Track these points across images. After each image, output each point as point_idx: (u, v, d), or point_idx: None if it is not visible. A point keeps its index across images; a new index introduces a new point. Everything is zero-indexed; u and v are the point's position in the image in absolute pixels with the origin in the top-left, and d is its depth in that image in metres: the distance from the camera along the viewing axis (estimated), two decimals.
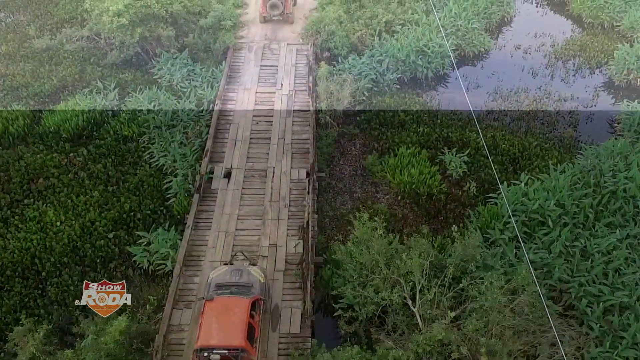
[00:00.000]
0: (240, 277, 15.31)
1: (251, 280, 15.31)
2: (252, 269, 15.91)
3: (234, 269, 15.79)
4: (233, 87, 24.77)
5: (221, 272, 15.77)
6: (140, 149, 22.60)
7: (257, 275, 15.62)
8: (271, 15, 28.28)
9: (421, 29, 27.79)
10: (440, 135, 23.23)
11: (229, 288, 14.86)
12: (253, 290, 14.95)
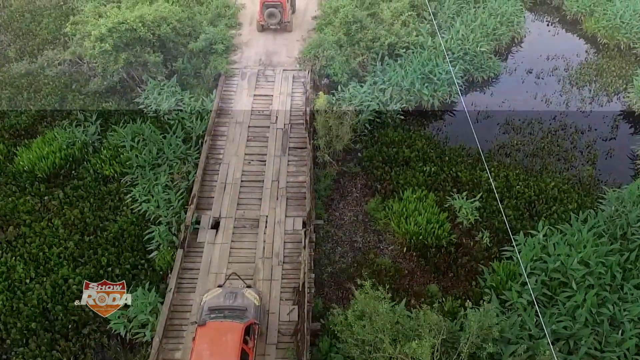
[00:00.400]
0: (234, 300, 14.51)
1: (246, 304, 14.52)
2: (246, 291, 15.08)
3: (228, 291, 14.93)
4: (224, 121, 22.62)
5: (214, 295, 14.87)
6: (122, 191, 20.49)
7: (252, 298, 14.82)
8: (269, 24, 27.02)
9: (426, 53, 25.63)
10: (449, 175, 21.11)
11: (223, 312, 14.14)
12: (247, 314, 14.22)
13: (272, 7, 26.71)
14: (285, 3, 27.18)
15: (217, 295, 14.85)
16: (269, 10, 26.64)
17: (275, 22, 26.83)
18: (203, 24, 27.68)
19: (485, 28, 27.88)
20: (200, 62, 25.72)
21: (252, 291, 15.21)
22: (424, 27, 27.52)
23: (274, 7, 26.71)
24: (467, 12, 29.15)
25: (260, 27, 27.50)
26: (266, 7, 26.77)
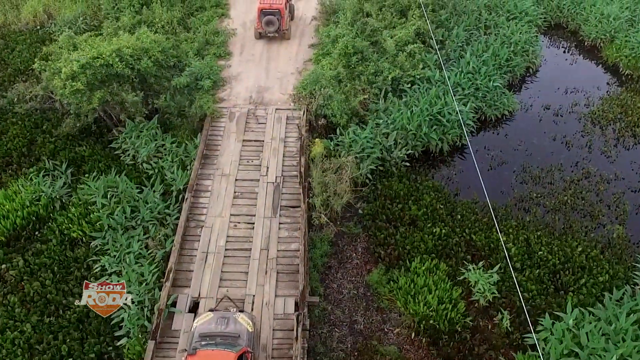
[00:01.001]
0: (226, 326, 13.54)
1: (238, 330, 13.54)
2: (239, 316, 14.01)
3: (220, 316, 13.92)
4: (208, 172, 19.83)
5: (206, 320, 13.87)
6: (91, 257, 17.75)
7: (244, 323, 13.82)
8: (267, 32, 25.57)
9: (434, 89, 22.79)
10: (462, 238, 18.36)
11: (214, 339, 13.22)
12: (240, 342, 13.28)
13: (270, 14, 25.16)
14: (284, 11, 25.41)
15: (208, 320, 13.80)
16: (267, 18, 25.21)
17: (273, 30, 25.39)
18: (189, 55, 24.88)
19: (498, 59, 25.05)
20: (184, 99, 22.89)
21: (245, 316, 14.04)
22: (430, 59, 24.69)
23: (272, 14, 25.15)
24: (478, 40, 26.32)
25: (258, 34, 26.04)
26: (264, 14, 25.25)
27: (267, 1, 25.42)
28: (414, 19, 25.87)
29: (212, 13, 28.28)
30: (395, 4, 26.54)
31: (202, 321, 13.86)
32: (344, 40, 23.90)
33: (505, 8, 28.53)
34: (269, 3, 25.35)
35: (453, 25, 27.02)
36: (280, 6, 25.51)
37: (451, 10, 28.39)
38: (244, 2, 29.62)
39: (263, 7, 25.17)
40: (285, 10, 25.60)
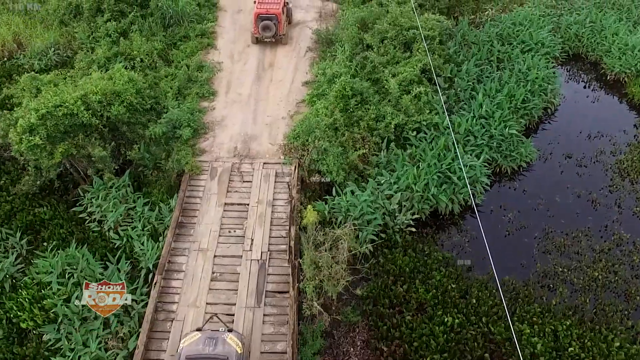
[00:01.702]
0: (214, 348, 12.69)
1: (227, 351, 12.69)
2: (228, 336, 13.08)
3: (208, 336, 13.02)
4: (183, 247, 16.85)
5: (193, 341, 12.94)
6: (42, 353, 14.82)
7: (233, 344, 12.88)
8: (263, 37, 24.60)
9: (443, 140, 19.77)
10: (478, 330, 15.42)
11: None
12: None
13: (267, 19, 24.04)
14: (281, 15, 24.23)
15: (195, 341, 12.91)
16: (263, 22, 24.16)
17: (270, 35, 24.51)
18: (169, 95, 21.85)
19: (514, 100, 22.01)
20: (161, 149, 19.91)
21: (234, 336, 13.13)
22: (438, 101, 21.65)
23: (268, 19, 24.07)
24: (490, 76, 23.27)
25: (254, 39, 24.98)
26: (261, 19, 24.14)
27: (263, 6, 24.22)
28: (419, 53, 22.80)
29: (196, 43, 25.21)
30: (399, 35, 23.46)
31: (189, 342, 12.87)
32: (342, 80, 20.88)
33: (519, 38, 25.46)
34: (266, 8, 24.14)
35: (462, 59, 23.98)
36: (277, 11, 24.08)
37: (460, 40, 25.37)
38: (232, 30, 26.56)
39: (260, 12, 24.07)
40: (282, 15, 24.36)
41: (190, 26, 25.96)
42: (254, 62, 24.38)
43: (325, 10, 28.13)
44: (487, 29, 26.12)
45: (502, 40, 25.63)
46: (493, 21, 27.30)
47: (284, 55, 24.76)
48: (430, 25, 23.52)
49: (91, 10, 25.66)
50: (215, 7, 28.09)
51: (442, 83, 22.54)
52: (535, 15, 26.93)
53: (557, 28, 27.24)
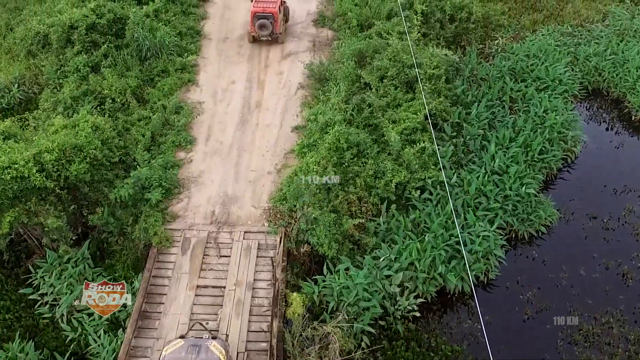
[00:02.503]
0: (197, 355, 12.20)
1: (209, 359, 12.11)
2: (211, 343, 12.55)
3: (191, 344, 12.51)
4: (145, 345, 14.02)
5: (175, 349, 12.44)
6: None
7: (217, 352, 12.38)
8: (260, 36, 23.82)
9: (450, 206, 16.87)
10: None
11: None
12: None
13: (263, 18, 23.31)
14: (277, 14, 23.35)
15: (178, 348, 12.49)
16: (260, 21, 23.41)
17: (266, 34, 23.72)
18: (140, 144, 19.00)
19: (531, 152, 19.12)
20: (128, 213, 17.09)
21: (218, 343, 12.66)
22: (445, 152, 18.77)
23: (265, 18, 23.32)
24: (503, 121, 20.38)
25: (251, 38, 24.25)
26: (257, 18, 23.39)
27: (260, 5, 23.43)
28: (423, 96, 19.87)
29: (175, 79, 22.30)
30: (400, 74, 20.55)
31: (172, 349, 12.44)
32: (336, 131, 18.02)
33: (534, 74, 22.54)
34: (262, 7, 23.34)
35: (472, 99, 21.07)
36: (273, 10, 23.24)
37: (468, 75, 22.45)
38: (216, 62, 23.64)
39: (256, 10, 23.33)
40: (279, 14, 23.48)
41: (170, 59, 23.04)
42: (238, 101, 21.49)
43: (319, 39, 25.18)
44: (498, 62, 23.20)
45: (514, 76, 22.74)
46: (504, 52, 24.38)
47: (272, 93, 21.86)
48: (435, 63, 20.60)
49: (60, 41, 22.74)
50: (198, 35, 25.17)
51: (449, 130, 19.65)
52: (551, 46, 23.98)
53: (574, 59, 24.28)
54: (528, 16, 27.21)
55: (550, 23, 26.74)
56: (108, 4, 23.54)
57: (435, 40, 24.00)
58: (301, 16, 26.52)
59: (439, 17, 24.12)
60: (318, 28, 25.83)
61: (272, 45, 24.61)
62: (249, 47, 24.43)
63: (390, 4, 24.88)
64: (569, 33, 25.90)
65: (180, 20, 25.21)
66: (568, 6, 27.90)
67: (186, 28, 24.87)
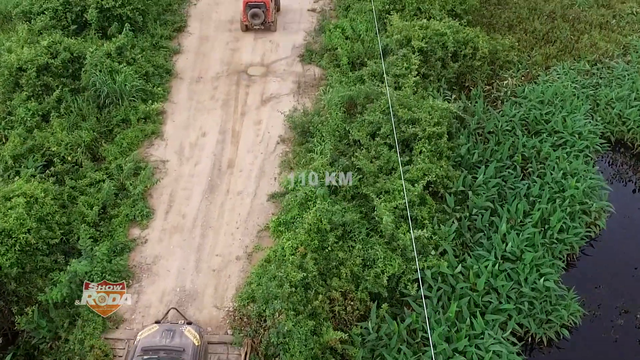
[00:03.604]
0: (171, 340, 11.99)
1: (183, 344, 11.92)
2: (186, 328, 12.27)
3: (166, 329, 12.27)
4: None
5: (150, 333, 12.21)
6: None
7: (191, 337, 12.09)
8: (252, 24, 23.68)
9: (454, 305, 13.60)
10: None
11: (157, 353, 11.76)
12: (184, 356, 11.75)
13: (255, 7, 23.23)
14: (269, 3, 23.33)
15: (153, 333, 12.21)
16: (252, 10, 23.30)
17: (258, 23, 23.55)
18: (88, 219, 15.73)
19: (550, 230, 15.82)
20: (64, 314, 13.85)
21: (192, 328, 12.38)
22: (448, 231, 15.47)
23: (257, 7, 23.25)
24: (516, 189, 17.06)
25: (244, 27, 24.07)
26: (249, 7, 23.29)
27: None
28: (420, 160, 16.57)
29: (137, 131, 19.01)
30: (393, 117, 17.27)
31: (147, 334, 12.25)
32: (317, 209, 14.73)
33: (549, 126, 19.21)
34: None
35: (478, 159, 17.75)
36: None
37: (474, 127, 19.13)
38: (186, 108, 20.36)
39: (248, 0, 23.06)
40: (270, 3, 23.40)
41: (132, 106, 19.74)
42: (208, 160, 18.19)
43: (305, 79, 21.84)
44: (508, 110, 19.86)
45: (527, 128, 19.42)
46: (515, 96, 21.03)
47: (248, 150, 18.55)
48: (435, 119, 17.27)
49: (7, 86, 19.53)
50: (169, 75, 21.82)
51: (452, 202, 16.33)
52: (568, 91, 20.61)
53: (594, 104, 20.95)
54: (540, 49, 23.86)
55: (565, 58, 23.41)
56: (65, 40, 20.28)
57: (436, 82, 20.71)
58: (286, 51, 23.20)
59: (440, 56, 20.75)
60: (304, 65, 22.50)
61: (251, 85, 21.32)
62: (225, 88, 21.16)
63: (385, 39, 21.51)
64: (587, 71, 22.53)
65: (148, 57, 21.89)
66: (584, 38, 24.54)
67: (154, 67, 21.53)
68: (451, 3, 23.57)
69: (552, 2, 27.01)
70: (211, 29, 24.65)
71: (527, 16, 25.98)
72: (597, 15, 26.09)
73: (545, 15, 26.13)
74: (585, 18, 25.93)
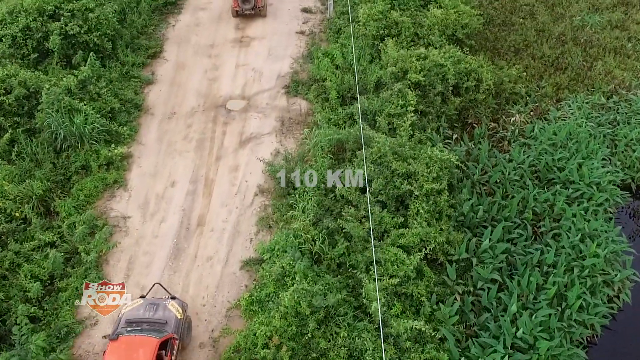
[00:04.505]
0: (154, 313, 12.18)
1: (166, 316, 12.12)
2: (169, 302, 12.47)
3: (149, 302, 12.48)
4: None
5: (134, 307, 12.39)
6: None
7: (174, 310, 12.29)
8: (243, 10, 23.43)
9: None
10: None
11: (140, 325, 11.86)
12: (167, 328, 11.87)
13: None
14: None
15: (137, 306, 12.38)
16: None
17: (249, 8, 23.38)
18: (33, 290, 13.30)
19: (568, 309, 13.34)
20: None
21: (176, 303, 12.55)
22: (449, 312, 13.00)
23: None
24: (527, 254, 14.57)
25: (234, 12, 23.75)
26: None
27: None
28: (417, 223, 14.10)
29: (98, 180, 16.59)
30: (387, 185, 14.81)
31: (131, 308, 12.36)
32: (294, 291, 12.31)
33: (563, 174, 16.69)
34: None
35: (483, 217, 15.25)
36: None
37: (478, 177, 16.64)
38: (155, 151, 17.94)
39: None
40: None
41: (94, 149, 17.28)
42: (175, 216, 15.74)
43: (290, 114, 19.40)
44: (517, 154, 17.35)
45: (538, 176, 16.94)
46: (523, 136, 18.56)
47: (222, 203, 16.10)
48: (434, 173, 14.78)
49: None
50: (138, 110, 19.35)
51: (453, 274, 13.87)
52: (583, 130, 18.12)
53: (612, 145, 18.46)
54: (549, 78, 21.36)
55: (578, 88, 20.91)
56: (21, 73, 17.84)
57: (435, 121, 18.23)
58: (270, 80, 20.73)
59: (440, 90, 18.25)
60: (289, 98, 20.02)
61: (229, 123, 18.86)
62: (200, 126, 18.73)
63: (379, 71, 19.02)
64: (603, 105, 20.02)
65: (116, 90, 19.44)
66: (598, 65, 22.04)
67: (122, 102, 19.07)
68: (452, 27, 21.06)
69: (561, 23, 24.47)
70: (189, 54, 22.16)
71: (534, 39, 23.47)
72: (611, 38, 23.53)
73: (555, 37, 23.61)
74: (598, 41, 23.40)
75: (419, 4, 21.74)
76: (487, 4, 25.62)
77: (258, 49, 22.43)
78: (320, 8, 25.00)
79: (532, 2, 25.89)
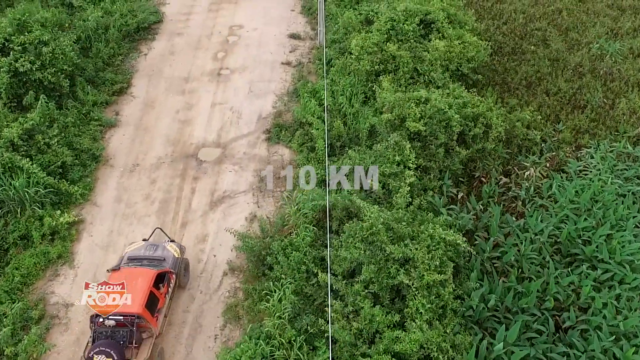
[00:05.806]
0: (154, 252, 12.93)
1: (165, 255, 12.85)
2: (168, 244, 13.15)
3: (150, 244, 13.19)
4: None
5: (136, 247, 13.09)
6: None
7: (172, 250, 12.99)
8: None
9: None
10: None
11: (141, 261, 12.63)
12: (165, 264, 12.56)
13: None
14: None
15: (138, 247, 13.09)
16: None
17: None
18: None
19: None
20: None
21: (174, 245, 13.24)
22: None
23: None
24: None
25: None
26: None
27: None
28: (416, 325, 11.23)
29: (39, 255, 13.73)
30: (380, 273, 11.92)
31: (133, 248, 13.07)
32: None
33: (589, 250, 13.73)
34: None
35: (494, 306, 12.36)
36: None
37: (489, 253, 13.73)
38: (111, 217, 15.03)
39: None
40: None
41: (37, 216, 14.39)
42: None
43: (272, 164, 16.44)
44: (533, 222, 14.39)
45: (559, 249, 14.02)
46: (538, 194, 15.64)
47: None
48: (437, 258, 11.88)
49: None
50: (96, 162, 16.43)
51: None
52: (609, 191, 15.18)
53: None
54: (567, 119, 18.42)
55: (599, 131, 17.97)
56: None
57: (438, 180, 15.34)
58: (249, 123, 17.86)
59: (443, 141, 15.33)
60: (270, 146, 17.11)
61: (200, 178, 15.98)
62: (166, 182, 15.85)
63: (373, 118, 16.12)
64: (629, 154, 17.09)
65: (71, 138, 16.51)
66: (621, 102, 19.05)
67: (76, 153, 16.15)
68: (456, 61, 18.15)
69: (577, 51, 21.50)
70: (160, 90, 19.27)
71: (548, 70, 20.49)
72: (634, 70, 20.54)
73: (571, 69, 20.63)
74: (620, 73, 20.41)
75: (419, 34, 18.75)
76: (494, 29, 22.63)
77: (238, 83, 19.55)
78: (310, 34, 22.04)
79: (544, 27, 22.90)
